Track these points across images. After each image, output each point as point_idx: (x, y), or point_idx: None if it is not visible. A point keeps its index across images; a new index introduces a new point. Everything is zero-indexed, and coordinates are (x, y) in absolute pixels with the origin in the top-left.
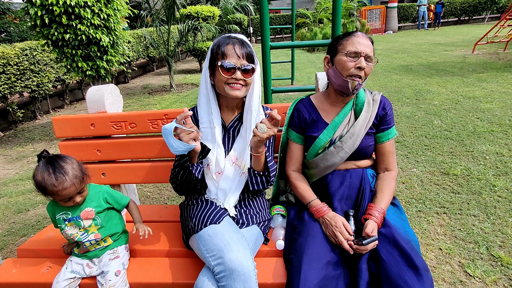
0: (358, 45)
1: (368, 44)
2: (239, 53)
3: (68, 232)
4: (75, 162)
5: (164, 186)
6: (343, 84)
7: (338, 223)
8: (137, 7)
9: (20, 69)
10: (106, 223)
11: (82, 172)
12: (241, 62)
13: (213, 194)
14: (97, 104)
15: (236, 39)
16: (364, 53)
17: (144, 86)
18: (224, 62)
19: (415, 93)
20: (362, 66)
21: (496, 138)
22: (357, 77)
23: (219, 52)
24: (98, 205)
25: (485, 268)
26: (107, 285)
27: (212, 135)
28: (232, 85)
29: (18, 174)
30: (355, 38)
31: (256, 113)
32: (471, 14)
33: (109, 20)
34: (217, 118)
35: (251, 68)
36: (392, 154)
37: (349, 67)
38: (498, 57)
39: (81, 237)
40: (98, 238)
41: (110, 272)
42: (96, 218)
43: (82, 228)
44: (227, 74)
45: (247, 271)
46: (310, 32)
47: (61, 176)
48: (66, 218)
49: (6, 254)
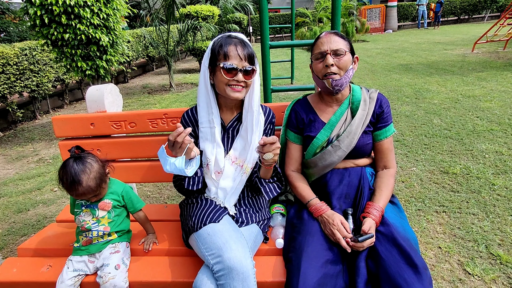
0: (321, 46)
1: (334, 39)
2: (241, 54)
3: (81, 218)
4: (94, 171)
5: (164, 185)
6: (323, 86)
7: (336, 221)
8: (137, 7)
9: (20, 69)
10: (118, 218)
11: (99, 180)
12: (243, 64)
13: (213, 193)
14: (97, 103)
15: (237, 39)
16: (329, 50)
17: (143, 85)
18: (226, 64)
19: (415, 92)
20: (328, 63)
21: (496, 137)
22: (331, 74)
23: (221, 53)
24: (117, 199)
25: (484, 266)
26: (106, 278)
27: (211, 135)
28: (233, 87)
29: (18, 174)
30: (318, 40)
31: (257, 113)
32: (471, 13)
33: (109, 20)
34: (216, 118)
35: (251, 70)
36: (391, 151)
37: (319, 68)
38: (498, 56)
39: (92, 226)
40: (107, 231)
41: (110, 265)
42: (111, 211)
43: (95, 217)
44: (229, 76)
45: (246, 270)
46: (309, 31)
47: (75, 185)
48: (85, 204)
49: (7, 253)
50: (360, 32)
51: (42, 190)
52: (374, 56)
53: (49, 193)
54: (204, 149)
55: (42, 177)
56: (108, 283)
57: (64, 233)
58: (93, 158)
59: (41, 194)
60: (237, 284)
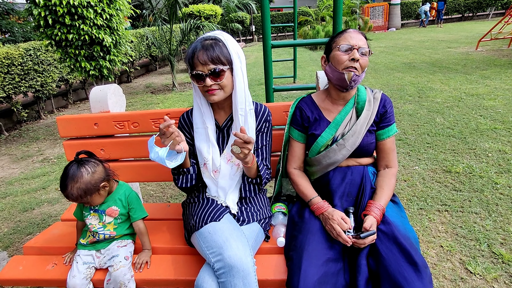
0: (350, 40)
1: (361, 38)
2: (202, 59)
3: (89, 221)
4: (81, 182)
5: (167, 184)
6: (340, 77)
7: (335, 217)
8: (139, 7)
9: (24, 69)
10: (124, 224)
11: (82, 192)
12: (208, 67)
13: (214, 192)
14: (100, 103)
15: (200, 44)
16: (357, 46)
17: (146, 85)
18: (192, 73)
19: (418, 91)
20: (355, 57)
21: (499, 135)
22: (353, 69)
23: (189, 62)
24: (123, 206)
25: (486, 265)
26: (117, 266)
27: (206, 135)
28: (209, 91)
29: (23, 173)
30: (347, 33)
31: (243, 111)
32: (475, 10)
33: (112, 20)
34: (209, 119)
35: (220, 70)
36: (393, 151)
37: (343, 60)
38: (502, 53)
39: (98, 230)
40: (113, 235)
41: (120, 256)
42: (118, 217)
43: (102, 222)
44: (199, 83)
45: (246, 268)
46: (312, 30)
47: (66, 191)
48: (93, 208)
49: (12, 252)
50: (363, 31)
51: (47, 189)
52: (377, 54)
53: (54, 192)
54: (200, 149)
55: (47, 176)
56: (119, 270)
57: (69, 232)
58: (90, 169)
59: (46, 193)
60: (238, 282)
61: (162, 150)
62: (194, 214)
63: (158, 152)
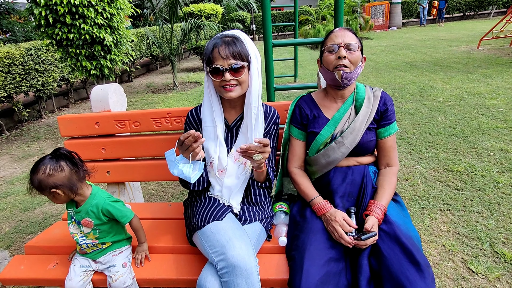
0: (335, 39)
1: (347, 34)
2: (224, 54)
3: (70, 229)
4: (39, 177)
5: (168, 183)
6: (331, 77)
7: (338, 217)
8: (140, 6)
9: (25, 69)
10: (107, 233)
11: (43, 188)
12: (229, 62)
13: (217, 191)
14: (101, 103)
15: (225, 39)
16: (343, 43)
17: (147, 84)
18: (211, 67)
19: (419, 90)
20: (341, 55)
21: (501, 134)
22: (342, 67)
23: (208, 56)
24: (97, 217)
25: (488, 264)
26: (116, 277)
27: (214, 134)
28: (226, 87)
29: (25, 173)
30: (332, 34)
31: (256, 110)
32: (476, 9)
33: (113, 19)
34: (219, 117)
35: (240, 66)
36: (394, 149)
37: (332, 60)
38: (504, 52)
39: (79, 239)
40: (95, 243)
41: (117, 265)
42: (96, 228)
43: (82, 232)
44: (217, 78)
45: (249, 267)
46: (313, 29)
47: (31, 177)
48: (73, 216)
49: (14, 251)
50: (364, 30)
51: None
52: (378, 53)
53: None
54: (208, 148)
55: None
56: (118, 281)
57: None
58: (49, 170)
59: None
60: (241, 281)
61: (186, 167)
62: (196, 213)
63: (182, 170)
